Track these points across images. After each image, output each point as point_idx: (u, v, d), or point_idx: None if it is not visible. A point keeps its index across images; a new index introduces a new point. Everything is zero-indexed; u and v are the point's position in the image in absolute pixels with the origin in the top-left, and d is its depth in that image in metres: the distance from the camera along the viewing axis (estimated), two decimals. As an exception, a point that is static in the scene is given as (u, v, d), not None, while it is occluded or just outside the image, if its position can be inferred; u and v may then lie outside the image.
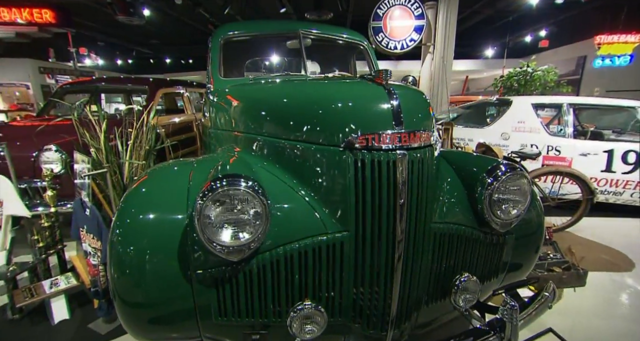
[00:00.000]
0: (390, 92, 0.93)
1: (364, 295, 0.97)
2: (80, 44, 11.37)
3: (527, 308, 1.19)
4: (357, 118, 0.93)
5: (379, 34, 6.51)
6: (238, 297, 0.94)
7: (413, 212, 0.94)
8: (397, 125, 0.90)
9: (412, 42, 6.58)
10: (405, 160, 0.90)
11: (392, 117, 0.90)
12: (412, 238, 0.96)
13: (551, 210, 3.29)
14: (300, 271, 0.95)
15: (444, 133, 2.89)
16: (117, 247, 0.93)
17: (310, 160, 1.01)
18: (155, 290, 0.93)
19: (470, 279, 1.07)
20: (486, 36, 17.41)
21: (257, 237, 0.87)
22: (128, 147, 2.20)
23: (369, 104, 0.94)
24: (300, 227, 0.95)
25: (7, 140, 2.55)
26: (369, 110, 0.93)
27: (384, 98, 0.92)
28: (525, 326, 1.14)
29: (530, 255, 1.34)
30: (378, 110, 0.92)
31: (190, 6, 7.17)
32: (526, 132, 3.61)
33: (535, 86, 7.49)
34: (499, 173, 1.09)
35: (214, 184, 0.84)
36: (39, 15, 7.41)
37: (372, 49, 2.46)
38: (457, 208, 1.13)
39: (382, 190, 0.90)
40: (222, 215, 0.85)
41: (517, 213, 1.11)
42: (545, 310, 1.20)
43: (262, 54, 2.43)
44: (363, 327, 1.01)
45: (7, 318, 1.85)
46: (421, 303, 1.07)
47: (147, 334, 0.99)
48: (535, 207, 1.34)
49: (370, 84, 1.00)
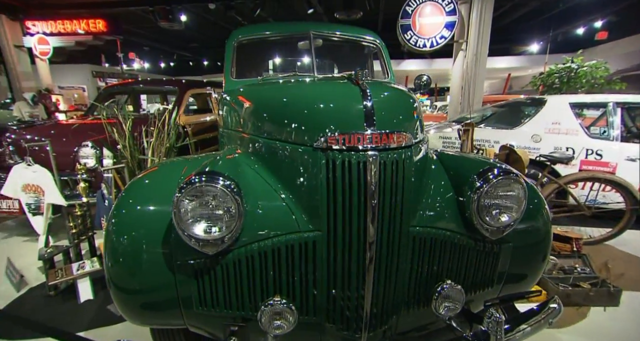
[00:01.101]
0: (364, 93, 0.92)
1: (337, 295, 0.98)
2: (129, 49, 12.35)
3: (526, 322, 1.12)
4: (329, 119, 0.93)
5: (407, 32, 6.34)
6: (217, 289, 0.99)
7: (387, 214, 0.93)
8: (368, 126, 0.89)
9: (443, 39, 6.32)
10: (377, 162, 0.88)
11: (364, 118, 0.89)
12: (386, 241, 0.95)
13: (587, 220, 3.00)
14: (274, 268, 0.97)
15: (464, 134, 2.75)
16: (112, 236, 1.02)
17: (287, 159, 1.03)
18: (144, 278, 1.00)
19: (454, 287, 1.03)
20: (531, 30, 16.15)
21: (230, 233, 0.91)
22: (150, 144, 2.38)
23: (341, 104, 0.94)
24: (275, 224, 0.98)
25: (55, 136, 2.88)
26: (342, 110, 0.93)
27: (357, 99, 0.91)
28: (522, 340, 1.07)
29: (535, 266, 1.24)
30: (350, 111, 0.91)
31: (222, 10, 7.51)
32: (561, 134, 3.32)
33: (581, 83, 6.79)
34: (490, 176, 1.03)
35: (192, 180, 0.89)
36: (93, 25, 8.23)
37: (385, 47, 2.42)
38: (445, 213, 1.08)
39: (353, 191, 0.90)
40: (196, 209, 0.90)
41: (509, 221, 1.04)
42: (545, 326, 1.12)
43: (275, 55, 2.49)
44: (337, 328, 1.01)
45: (44, 294, 2.09)
46: (400, 308, 1.05)
47: (139, 319, 1.07)
48: (541, 215, 1.25)
49: (348, 84, 0.99)
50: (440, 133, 3.71)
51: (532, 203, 1.25)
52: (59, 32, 8.52)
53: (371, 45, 2.39)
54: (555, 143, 3.29)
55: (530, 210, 1.23)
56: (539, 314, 1.15)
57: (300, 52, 2.35)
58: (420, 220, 1.03)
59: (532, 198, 1.24)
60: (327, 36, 2.29)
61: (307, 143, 0.96)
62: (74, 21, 8.27)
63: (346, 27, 2.43)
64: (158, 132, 2.46)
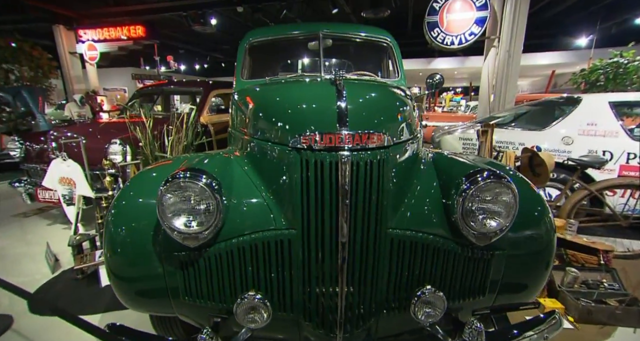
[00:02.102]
0: (339, 93, 0.92)
1: (312, 294, 0.99)
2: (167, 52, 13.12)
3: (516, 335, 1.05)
4: (305, 119, 0.94)
5: (434, 29, 6.12)
6: (200, 281, 1.04)
7: (360, 215, 0.92)
8: (341, 126, 0.89)
9: (472, 35, 6.02)
10: (349, 162, 0.88)
11: (337, 118, 0.90)
12: (360, 242, 0.94)
13: (623, 231, 2.72)
14: (252, 263, 1.00)
15: (482, 135, 2.61)
16: (110, 227, 1.11)
17: (269, 158, 1.06)
18: (137, 267, 1.08)
19: (435, 293, 0.99)
20: (579, 23, 14.81)
21: (209, 228, 0.95)
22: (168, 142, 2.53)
23: (317, 105, 0.95)
24: (254, 222, 1.01)
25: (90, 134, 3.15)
26: (316, 110, 0.94)
27: (332, 99, 0.92)
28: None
29: (536, 276, 1.16)
30: (324, 111, 0.92)
31: (250, 13, 7.74)
32: (598, 136, 3.04)
33: (630, 80, 6.09)
34: (478, 179, 0.98)
35: (176, 175, 0.95)
36: (133, 31, 8.89)
37: (397, 46, 2.37)
38: (430, 216, 1.05)
39: (325, 191, 0.90)
40: (177, 204, 0.95)
41: (497, 228, 0.98)
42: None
43: (285, 56, 2.53)
44: (313, 326, 1.02)
45: (73, 277, 2.31)
46: (379, 311, 1.03)
47: (134, 305, 1.15)
48: (543, 223, 1.17)
49: (327, 84, 1.00)
50: (461, 134, 3.54)
51: (535, 210, 1.18)
52: (104, 39, 9.31)
53: (382, 44, 2.35)
54: (589, 146, 3.01)
55: (532, 217, 1.16)
56: (532, 327, 1.08)
57: (310, 52, 2.37)
58: (400, 223, 1.01)
59: (534, 205, 1.18)
60: (337, 36, 2.29)
61: (284, 142, 0.98)
62: (117, 28, 8.99)
63: (358, 27, 2.41)
64: (177, 131, 2.61)
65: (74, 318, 1.27)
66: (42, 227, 3.42)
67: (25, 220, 3.68)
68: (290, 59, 2.46)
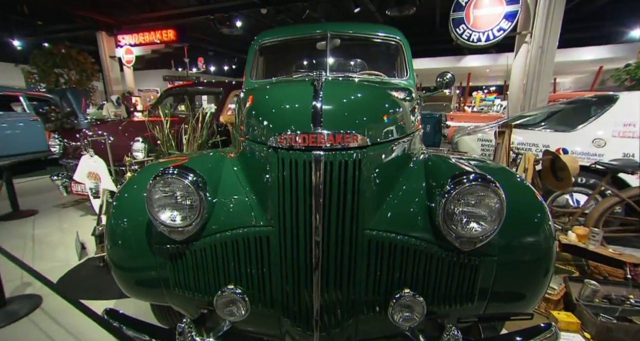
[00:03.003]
0: (316, 93, 0.93)
1: (289, 291, 1.00)
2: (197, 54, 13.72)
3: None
4: (282, 119, 0.96)
5: (459, 26, 5.89)
6: (188, 273, 1.09)
7: (334, 214, 0.92)
8: (316, 126, 0.90)
9: (501, 31, 5.71)
10: (322, 161, 0.88)
11: (312, 118, 0.90)
12: (336, 242, 0.94)
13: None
14: (234, 258, 1.03)
15: (499, 137, 2.47)
16: (111, 219, 1.20)
17: (253, 157, 1.09)
18: (134, 258, 1.15)
19: (414, 298, 0.97)
20: (631, 14, 13.49)
21: (193, 223, 1.00)
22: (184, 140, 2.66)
23: (294, 105, 0.96)
24: (237, 218, 1.04)
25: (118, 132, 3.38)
26: (293, 110, 0.95)
27: (308, 99, 0.92)
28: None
29: (533, 285, 1.10)
30: (299, 111, 0.93)
31: (274, 14, 7.89)
32: (636, 138, 2.77)
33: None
34: (463, 181, 0.94)
35: (164, 172, 1.01)
36: (165, 35, 9.43)
37: (407, 45, 2.32)
38: (412, 218, 1.03)
39: (299, 190, 0.91)
40: (163, 199, 1.01)
41: (481, 232, 0.94)
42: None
43: (295, 57, 2.56)
44: (291, 323, 1.03)
45: (95, 265, 2.49)
46: (357, 312, 1.02)
47: (133, 294, 1.23)
48: (542, 230, 1.10)
49: (307, 84, 1.00)
50: (480, 135, 3.38)
51: (534, 217, 1.11)
52: (140, 43, 9.95)
53: (392, 43, 2.31)
54: (625, 148, 2.75)
55: (530, 224, 1.10)
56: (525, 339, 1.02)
57: (318, 52, 2.38)
58: (379, 224, 0.99)
59: (534, 212, 1.12)
60: (345, 35, 2.28)
61: (264, 142, 1.00)
62: (151, 32, 9.60)
63: (367, 26, 2.38)
64: (193, 130, 2.73)
65: (76, 303, 1.38)
66: (76, 217, 3.73)
67: (62, 210, 4.03)
68: (298, 60, 2.49)
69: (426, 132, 5.29)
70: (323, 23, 2.41)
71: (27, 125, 6.05)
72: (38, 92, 7.33)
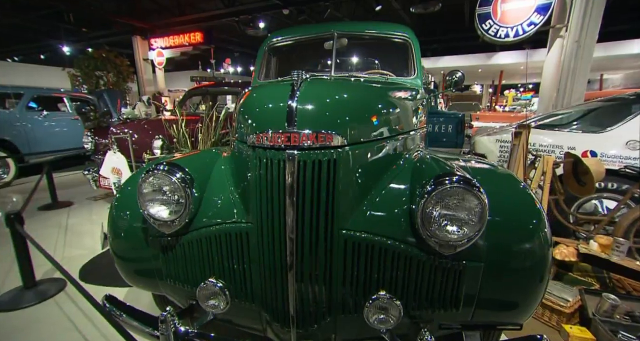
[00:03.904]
0: (293, 92, 0.94)
1: (267, 286, 1.02)
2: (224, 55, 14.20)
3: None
4: (261, 118, 0.98)
5: (485, 22, 5.62)
6: (177, 265, 1.15)
7: (308, 213, 0.93)
8: (290, 125, 0.91)
9: (532, 26, 5.37)
10: (295, 160, 0.89)
11: (286, 117, 0.91)
12: (310, 240, 0.95)
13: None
14: (217, 253, 1.08)
15: (515, 138, 2.34)
16: (113, 211, 1.29)
17: (239, 155, 1.12)
18: (132, 249, 1.23)
19: (391, 300, 0.95)
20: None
21: (179, 217, 1.05)
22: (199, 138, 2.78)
23: (272, 104, 0.97)
24: (221, 214, 1.08)
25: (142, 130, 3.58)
26: (270, 110, 0.97)
27: (284, 99, 0.94)
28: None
29: (527, 294, 1.04)
30: (276, 110, 0.95)
31: (295, 14, 7.98)
32: (678, 141, 2.50)
33: None
34: (446, 182, 0.91)
35: (155, 168, 1.07)
36: (193, 37, 9.87)
37: (416, 43, 2.26)
38: (393, 220, 1.01)
39: (274, 188, 0.93)
40: (152, 193, 1.07)
41: (460, 236, 0.91)
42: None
43: (303, 57, 2.58)
44: (270, 318, 1.06)
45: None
46: (335, 311, 1.02)
47: (133, 283, 1.32)
48: (537, 237, 1.04)
49: (287, 84, 1.02)
50: (499, 136, 3.22)
51: (530, 223, 1.06)
52: (170, 46, 10.49)
53: (400, 41, 2.26)
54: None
55: (524, 231, 1.05)
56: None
57: (326, 52, 2.38)
58: (356, 224, 0.99)
59: (529, 218, 1.06)
60: (352, 35, 2.27)
61: (245, 141, 1.03)
62: (180, 35, 10.09)
63: (376, 24, 2.36)
64: (207, 128, 2.84)
65: (81, 288, 1.50)
66: (104, 209, 4.02)
67: (94, 203, 4.35)
68: (306, 60, 2.51)
69: (447, 133, 5.09)
70: (330, 23, 2.41)
71: (69, 123, 6.59)
72: (79, 93, 7.95)
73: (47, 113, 6.20)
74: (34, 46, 15.05)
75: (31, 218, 3.79)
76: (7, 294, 2.14)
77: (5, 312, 2.00)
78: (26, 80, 15.32)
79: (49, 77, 14.65)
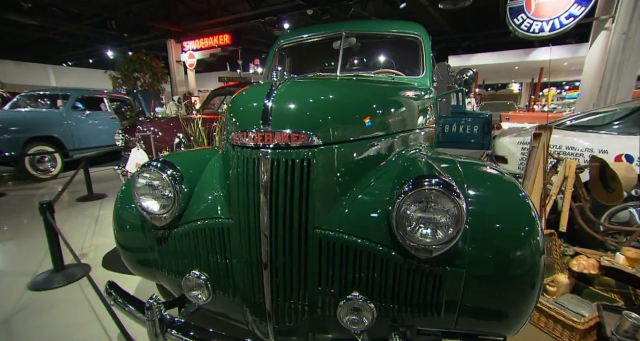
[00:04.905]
0: (270, 92, 0.95)
1: (246, 281, 1.05)
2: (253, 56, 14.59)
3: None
4: (240, 117, 1.01)
5: (517, 16, 5.29)
6: (169, 256, 1.22)
7: (282, 211, 0.94)
8: (264, 124, 0.92)
9: (571, 18, 4.96)
10: (268, 159, 0.91)
11: (261, 116, 0.93)
12: (283, 238, 0.96)
13: None
14: (203, 246, 1.12)
15: (534, 139, 2.18)
16: (117, 203, 1.39)
17: (226, 153, 1.16)
18: (135, 240, 1.32)
19: (363, 302, 0.94)
20: None
21: (169, 211, 1.11)
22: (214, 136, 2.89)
23: (249, 104, 1.00)
24: (205, 209, 1.13)
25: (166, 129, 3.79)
26: (249, 109, 0.99)
27: (261, 98, 0.96)
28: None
29: (516, 303, 0.99)
30: (252, 110, 0.97)
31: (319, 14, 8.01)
32: None
33: None
34: (424, 184, 0.89)
35: (148, 164, 1.14)
36: (221, 39, 10.25)
37: (427, 41, 2.19)
38: (371, 221, 0.99)
39: (249, 186, 0.95)
40: (145, 188, 1.14)
41: (434, 240, 0.87)
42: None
43: (312, 57, 2.59)
44: (250, 312, 1.08)
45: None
46: (311, 310, 1.03)
47: (135, 271, 1.41)
48: (528, 245, 0.98)
49: (268, 85, 1.03)
50: (521, 138, 3.02)
51: (521, 230, 1.00)
52: (200, 48, 10.97)
53: (410, 39, 2.20)
54: None
55: (514, 238, 0.99)
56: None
57: (334, 52, 2.38)
58: (332, 224, 0.98)
59: (521, 226, 1.01)
60: (361, 34, 2.25)
61: (227, 140, 1.06)
62: (209, 37, 10.53)
63: (386, 23, 2.32)
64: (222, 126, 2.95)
65: (87, 274, 1.63)
66: (132, 202, 4.31)
67: (124, 195, 4.68)
68: (314, 60, 2.52)
69: (473, 134, 4.87)
70: (339, 23, 2.40)
71: (107, 122, 7.13)
72: (118, 94, 8.57)
73: (89, 112, 6.75)
74: (83, 52, 16.45)
75: (70, 208, 4.17)
76: (40, 275, 2.38)
77: (39, 291, 2.23)
78: (76, 82, 16.88)
79: (95, 79, 16.01)
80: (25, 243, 3.04)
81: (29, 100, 6.63)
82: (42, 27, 11.81)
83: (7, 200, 4.63)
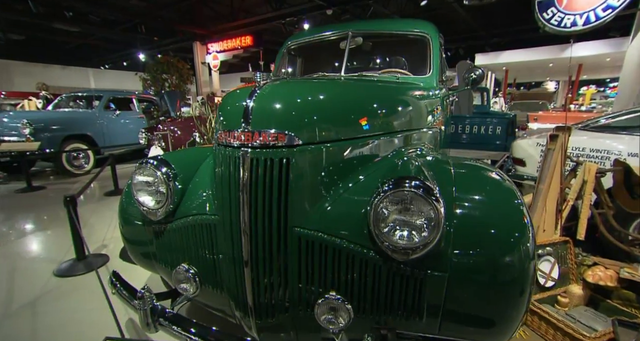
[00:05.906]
0: (252, 92, 0.97)
1: (230, 277, 1.08)
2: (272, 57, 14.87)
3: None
4: (225, 117, 1.04)
5: (547, 10, 4.98)
6: (165, 250, 1.28)
7: (261, 209, 0.96)
8: (245, 124, 0.95)
9: (609, 10, 4.59)
10: (248, 158, 0.93)
11: (242, 116, 0.95)
12: (263, 236, 0.97)
13: None
14: (193, 241, 1.17)
15: (551, 141, 2.05)
16: (123, 197, 1.47)
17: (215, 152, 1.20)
18: (137, 233, 1.39)
19: (340, 302, 0.94)
20: None
21: (162, 207, 1.17)
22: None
23: (234, 104, 1.02)
24: (195, 206, 1.17)
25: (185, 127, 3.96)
26: (231, 109, 1.02)
27: (243, 98, 0.98)
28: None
29: (503, 310, 0.95)
30: (235, 110, 0.99)
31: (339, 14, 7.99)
32: None
33: None
34: (404, 185, 0.87)
35: (145, 162, 1.20)
36: (244, 41, 10.51)
37: (436, 39, 2.12)
38: (351, 222, 0.99)
39: (231, 184, 0.98)
40: (141, 184, 1.20)
41: (413, 242, 0.86)
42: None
43: (319, 57, 2.59)
44: (235, 305, 1.11)
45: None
46: (292, 307, 1.04)
47: (139, 263, 1.49)
48: (517, 250, 0.94)
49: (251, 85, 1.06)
50: (540, 139, 2.85)
51: (510, 236, 0.96)
52: (223, 49, 11.32)
53: (418, 38, 2.15)
54: None
55: (503, 243, 0.95)
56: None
57: (341, 52, 2.37)
58: (311, 223, 0.99)
59: (509, 231, 0.96)
60: (368, 33, 2.23)
61: (215, 139, 1.10)
62: (232, 39, 10.84)
63: (393, 22, 2.28)
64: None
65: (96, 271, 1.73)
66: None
67: (147, 191, 4.94)
68: (322, 60, 2.52)
69: (495, 135, 4.66)
70: (347, 23, 2.39)
71: (135, 121, 7.54)
72: (146, 95, 9.04)
73: (119, 112, 7.18)
74: (118, 55, 17.53)
75: (98, 202, 4.46)
76: (65, 263, 2.57)
77: (63, 277, 2.41)
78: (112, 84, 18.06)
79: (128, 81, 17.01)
80: (57, 233, 3.29)
81: (68, 101, 7.16)
82: (82, 33, 12.72)
83: (46, 193, 5.03)
